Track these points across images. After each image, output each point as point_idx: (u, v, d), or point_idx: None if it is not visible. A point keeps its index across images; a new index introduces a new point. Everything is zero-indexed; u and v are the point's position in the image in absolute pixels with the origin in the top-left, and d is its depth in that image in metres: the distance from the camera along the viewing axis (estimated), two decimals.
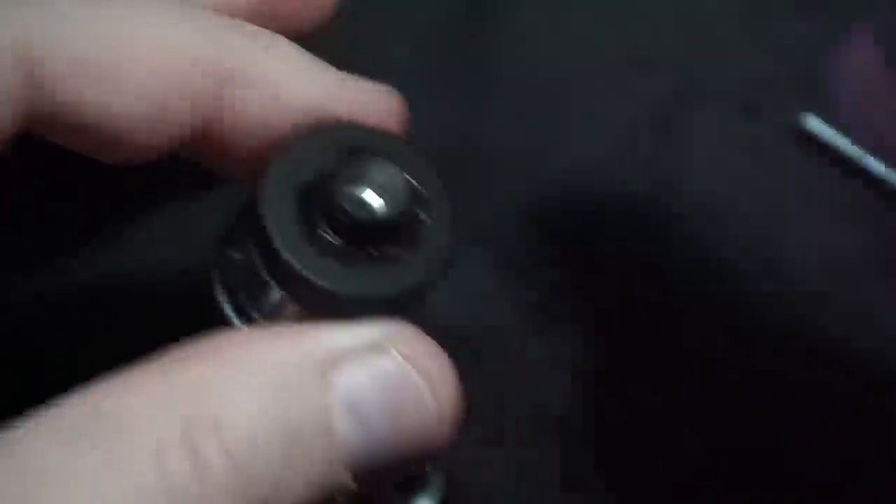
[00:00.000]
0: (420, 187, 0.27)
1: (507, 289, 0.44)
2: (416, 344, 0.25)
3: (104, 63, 0.25)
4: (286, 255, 0.25)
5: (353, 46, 0.45)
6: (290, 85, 0.27)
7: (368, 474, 0.25)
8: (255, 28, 0.28)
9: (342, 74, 0.29)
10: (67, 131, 0.26)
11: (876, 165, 0.45)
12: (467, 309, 0.43)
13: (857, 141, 0.45)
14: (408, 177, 0.26)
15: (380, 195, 0.26)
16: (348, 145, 0.26)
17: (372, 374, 0.25)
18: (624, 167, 0.45)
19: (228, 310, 0.27)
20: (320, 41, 0.45)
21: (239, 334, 0.25)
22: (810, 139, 0.45)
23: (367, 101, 0.28)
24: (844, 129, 0.45)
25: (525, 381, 0.42)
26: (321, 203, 0.25)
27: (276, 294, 0.26)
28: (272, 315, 0.27)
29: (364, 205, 0.25)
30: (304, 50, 0.28)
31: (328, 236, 0.25)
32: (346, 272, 0.25)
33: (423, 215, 0.26)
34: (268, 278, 0.26)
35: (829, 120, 0.45)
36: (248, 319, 0.27)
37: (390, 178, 0.26)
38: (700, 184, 0.45)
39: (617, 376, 0.42)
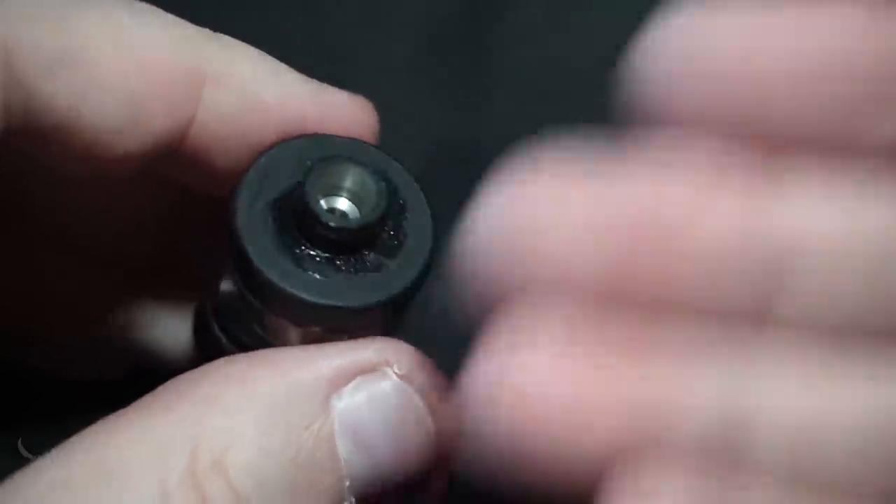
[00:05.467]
0: (396, 191, 0.26)
1: None
2: (412, 363, 0.25)
3: (79, 60, 0.25)
4: (264, 269, 0.24)
5: (354, 46, 0.45)
6: (266, 90, 0.27)
7: (372, 496, 0.24)
8: (229, 38, 0.28)
9: (315, 82, 0.28)
10: (43, 135, 0.25)
11: None
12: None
13: None
14: (382, 180, 0.26)
15: (353, 202, 0.26)
16: (320, 155, 0.26)
17: (370, 396, 0.24)
18: None
19: (225, 341, 0.27)
20: (320, 42, 0.45)
21: (232, 365, 0.24)
22: None
23: (340, 107, 0.28)
24: None
25: None
26: (296, 215, 0.25)
27: (262, 315, 0.26)
28: (265, 340, 0.26)
29: (338, 213, 0.25)
30: (276, 60, 0.28)
31: (307, 249, 0.25)
32: (329, 283, 0.25)
33: (402, 219, 0.26)
34: (251, 298, 0.25)
35: None
36: (242, 348, 0.27)
37: (363, 184, 0.25)
38: None
39: None
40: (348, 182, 0.26)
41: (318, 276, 0.24)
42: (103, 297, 0.33)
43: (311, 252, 0.25)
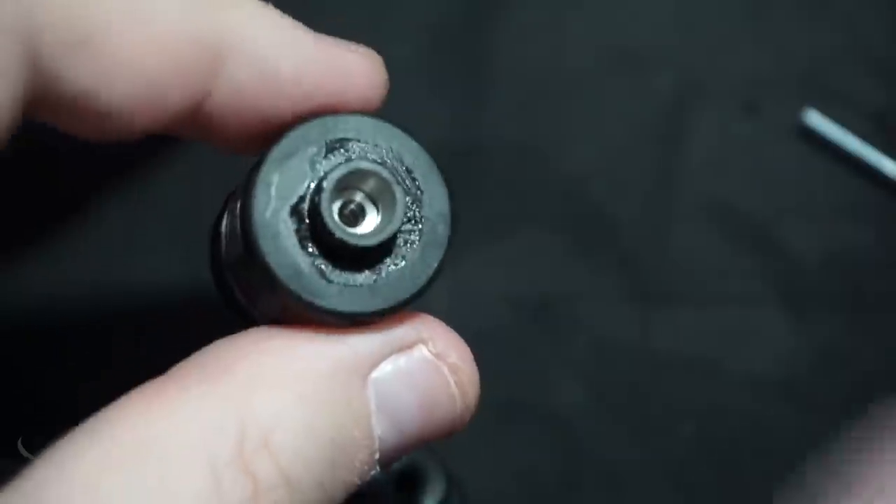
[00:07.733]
0: (414, 182, 0.26)
1: (508, 288, 0.44)
2: (445, 340, 0.26)
3: (97, 41, 0.25)
4: (283, 278, 0.24)
5: None
6: (284, 62, 0.27)
7: (392, 460, 0.25)
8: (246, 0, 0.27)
9: (329, 43, 0.28)
10: (65, 110, 0.26)
11: (878, 160, 0.45)
12: (468, 308, 0.43)
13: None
14: (400, 177, 0.25)
15: (371, 200, 0.25)
16: (335, 139, 0.25)
17: (405, 374, 0.25)
18: (624, 167, 0.45)
19: (251, 309, 0.27)
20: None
21: (273, 341, 0.24)
22: (812, 136, 0.45)
23: (354, 72, 0.28)
24: (845, 125, 0.45)
25: (526, 381, 0.42)
26: (313, 226, 0.25)
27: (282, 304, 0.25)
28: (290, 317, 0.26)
29: (356, 234, 0.25)
30: (289, 17, 0.28)
31: (323, 255, 0.25)
32: (344, 289, 0.24)
33: (418, 213, 0.26)
34: (270, 294, 0.25)
35: (831, 116, 0.45)
36: (265, 317, 0.27)
37: (383, 195, 0.25)
38: (701, 183, 0.45)
39: (619, 377, 0.43)
40: (367, 187, 0.25)
41: (334, 282, 0.24)
42: None
43: (327, 258, 0.25)
